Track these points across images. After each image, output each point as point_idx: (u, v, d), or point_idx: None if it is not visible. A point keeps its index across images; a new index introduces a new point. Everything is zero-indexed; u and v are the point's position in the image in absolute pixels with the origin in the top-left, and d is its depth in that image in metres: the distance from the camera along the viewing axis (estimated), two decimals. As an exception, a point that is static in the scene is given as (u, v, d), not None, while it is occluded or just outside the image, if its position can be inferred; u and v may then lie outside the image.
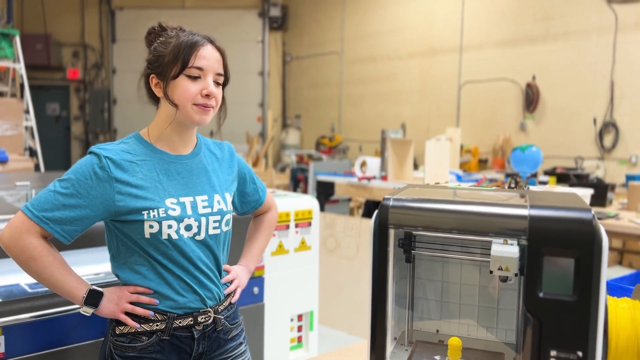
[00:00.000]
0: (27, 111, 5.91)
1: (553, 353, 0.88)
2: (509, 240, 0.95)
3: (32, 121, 5.80)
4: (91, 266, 1.82)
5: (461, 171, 4.88)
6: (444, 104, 7.90)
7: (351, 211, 6.24)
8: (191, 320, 1.31)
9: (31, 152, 5.94)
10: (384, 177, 3.99)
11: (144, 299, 1.28)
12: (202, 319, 1.33)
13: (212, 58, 1.30)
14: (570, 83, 6.44)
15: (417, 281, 1.20)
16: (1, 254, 1.51)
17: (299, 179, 6.82)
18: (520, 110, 6.97)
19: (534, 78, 6.76)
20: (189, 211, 1.30)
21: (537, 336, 0.89)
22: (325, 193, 4.24)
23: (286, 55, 10.66)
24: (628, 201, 3.99)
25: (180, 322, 1.30)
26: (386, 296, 1.00)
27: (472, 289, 1.18)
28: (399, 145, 3.88)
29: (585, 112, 6.31)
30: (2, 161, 3.72)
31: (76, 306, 1.56)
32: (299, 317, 2.45)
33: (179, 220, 1.28)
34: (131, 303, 1.28)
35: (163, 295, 1.30)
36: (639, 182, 3.97)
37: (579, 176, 5.55)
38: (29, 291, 1.61)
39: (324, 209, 4.40)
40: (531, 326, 0.89)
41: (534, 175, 3.86)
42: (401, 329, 1.19)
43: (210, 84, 1.29)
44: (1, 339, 1.48)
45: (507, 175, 4.49)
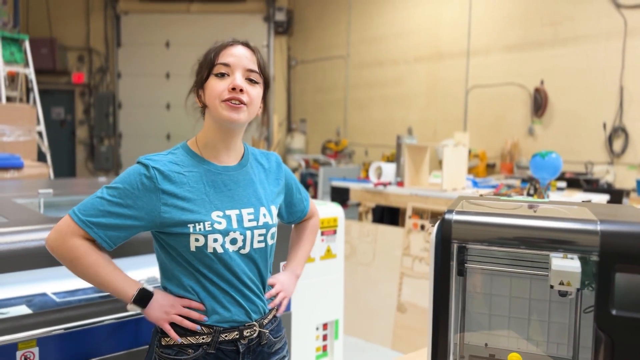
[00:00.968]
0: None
1: (627, 372, 0.86)
2: (568, 254, 0.94)
3: (42, 126, 5.78)
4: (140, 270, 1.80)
5: (471, 176, 4.87)
6: (451, 108, 7.89)
7: (360, 216, 6.22)
8: (237, 334, 1.30)
9: (39, 156, 5.92)
10: (399, 183, 3.98)
11: (194, 314, 1.27)
12: (247, 332, 1.32)
13: (240, 55, 1.29)
14: (579, 88, 6.43)
15: (467, 294, 1.19)
16: (26, 264, 1.50)
17: (308, 183, 6.80)
18: (529, 114, 6.96)
19: (542, 82, 6.75)
20: (234, 224, 1.29)
21: (609, 354, 0.88)
22: (340, 199, 4.22)
23: (291, 60, 10.66)
24: (643, 207, 3.98)
25: (226, 336, 1.29)
26: (449, 311, 0.99)
27: (522, 302, 1.17)
28: (415, 151, 3.87)
29: (594, 116, 6.30)
30: (17, 167, 3.71)
31: (108, 317, 1.55)
32: (324, 325, 2.44)
33: (225, 234, 1.27)
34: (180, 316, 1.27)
35: (209, 309, 1.29)
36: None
37: (589, 181, 5.54)
38: (57, 301, 1.61)
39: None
40: (603, 344, 0.88)
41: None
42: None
43: (238, 78, 1.27)
44: (35, 350, 1.46)
45: (523, 181, 4.47)
